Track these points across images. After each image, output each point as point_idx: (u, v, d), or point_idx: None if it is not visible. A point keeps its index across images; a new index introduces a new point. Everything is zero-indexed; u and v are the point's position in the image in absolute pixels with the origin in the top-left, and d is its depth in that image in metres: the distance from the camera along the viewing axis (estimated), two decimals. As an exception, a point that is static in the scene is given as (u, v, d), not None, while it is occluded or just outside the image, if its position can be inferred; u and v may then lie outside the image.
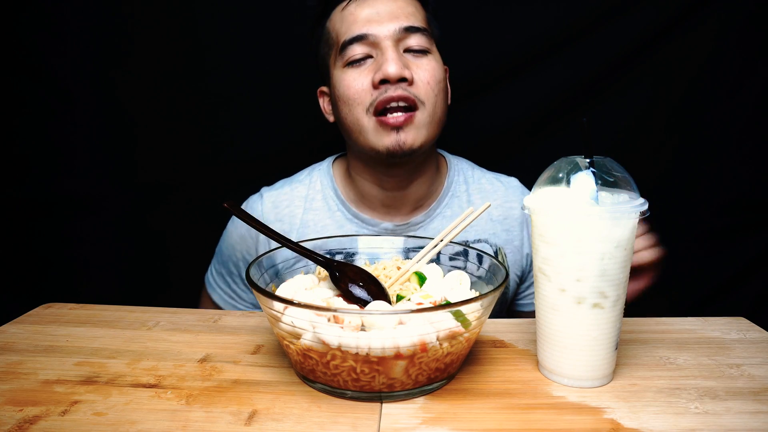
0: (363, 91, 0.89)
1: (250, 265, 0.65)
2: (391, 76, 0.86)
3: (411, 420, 0.55)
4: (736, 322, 0.77)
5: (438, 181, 1.02)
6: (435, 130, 0.93)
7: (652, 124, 1.26)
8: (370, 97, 0.89)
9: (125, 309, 0.81)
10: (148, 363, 0.65)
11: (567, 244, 0.58)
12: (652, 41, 1.21)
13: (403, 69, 0.87)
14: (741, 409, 0.56)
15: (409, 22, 0.90)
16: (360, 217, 0.99)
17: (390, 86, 0.87)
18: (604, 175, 0.59)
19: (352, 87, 0.90)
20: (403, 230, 0.98)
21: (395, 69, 0.86)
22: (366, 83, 0.89)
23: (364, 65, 0.90)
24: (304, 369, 0.59)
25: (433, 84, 0.91)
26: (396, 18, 0.90)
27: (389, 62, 0.87)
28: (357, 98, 0.89)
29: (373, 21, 0.90)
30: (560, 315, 0.60)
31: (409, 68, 0.89)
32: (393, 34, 0.89)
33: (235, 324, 0.77)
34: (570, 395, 0.59)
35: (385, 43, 0.89)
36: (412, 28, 0.90)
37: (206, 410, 0.56)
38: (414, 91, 0.89)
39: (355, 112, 0.90)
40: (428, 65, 0.91)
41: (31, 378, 0.62)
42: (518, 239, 1.02)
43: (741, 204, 1.27)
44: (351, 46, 0.90)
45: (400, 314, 0.55)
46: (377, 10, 0.90)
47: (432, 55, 0.93)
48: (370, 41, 0.89)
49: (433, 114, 0.91)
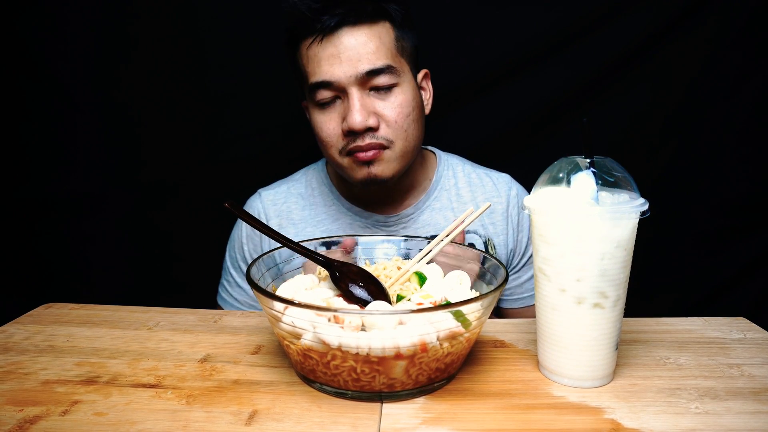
0: (334, 136, 0.93)
1: (250, 266, 0.65)
2: (356, 128, 0.89)
3: (411, 420, 0.55)
4: (736, 322, 0.77)
5: (426, 175, 1.05)
6: (407, 159, 0.96)
7: (652, 124, 1.26)
8: (341, 143, 0.93)
9: (125, 309, 0.81)
10: (148, 363, 0.65)
11: (567, 244, 0.58)
12: (652, 42, 1.21)
13: (367, 119, 0.89)
14: (741, 409, 0.56)
15: (370, 63, 0.89)
16: (354, 210, 1.03)
17: (357, 136, 0.90)
18: (604, 175, 0.59)
19: (324, 130, 0.94)
20: (395, 222, 1.02)
21: (359, 121, 0.88)
22: (335, 128, 0.92)
23: (333, 107, 0.92)
24: (304, 369, 0.59)
25: (401, 121, 0.92)
26: (358, 60, 0.89)
27: (352, 113, 0.89)
28: (329, 141, 0.94)
29: (335, 65, 0.89)
30: (560, 315, 0.60)
31: (375, 111, 0.91)
32: (356, 80, 0.89)
33: (236, 324, 0.77)
34: (570, 395, 0.59)
35: (350, 90, 0.89)
36: (374, 71, 0.89)
37: (206, 410, 0.56)
38: (382, 134, 0.91)
39: (330, 152, 0.95)
40: (395, 101, 0.91)
41: (32, 378, 0.62)
42: (503, 234, 1.04)
43: (741, 204, 1.27)
44: (318, 91, 0.92)
45: (400, 314, 0.55)
46: (338, 50, 0.89)
47: (399, 87, 0.92)
48: (335, 87, 0.90)
49: (404, 148, 0.94)
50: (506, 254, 1.04)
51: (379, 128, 0.91)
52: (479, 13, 1.21)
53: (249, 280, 0.61)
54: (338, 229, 1.01)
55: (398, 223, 1.01)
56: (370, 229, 1.02)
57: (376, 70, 0.89)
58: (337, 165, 0.96)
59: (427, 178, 1.05)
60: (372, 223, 1.02)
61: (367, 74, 0.89)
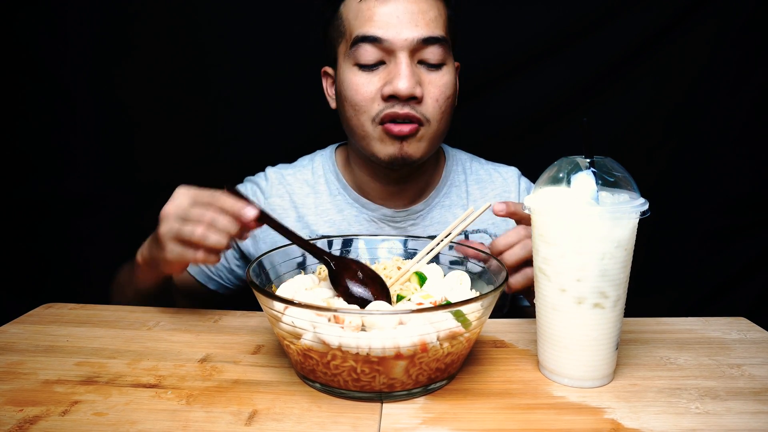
0: (370, 100, 0.87)
1: (249, 266, 0.65)
2: (402, 94, 0.84)
3: (411, 420, 0.55)
4: (737, 322, 0.77)
5: (436, 172, 1.02)
6: (437, 142, 0.93)
7: (652, 124, 1.26)
8: (377, 108, 0.87)
9: (125, 309, 0.81)
10: (148, 363, 0.65)
11: (567, 244, 0.58)
12: (652, 41, 1.21)
13: (414, 87, 0.85)
14: (742, 409, 0.56)
15: (428, 31, 0.85)
16: (361, 202, 0.99)
17: (398, 102, 0.85)
18: (604, 175, 0.59)
19: (360, 93, 0.87)
20: (403, 217, 0.98)
21: (407, 86, 0.84)
22: (374, 91, 0.86)
23: (375, 71, 0.87)
24: (304, 369, 0.59)
25: (441, 101, 0.88)
26: (416, 25, 0.85)
27: (401, 77, 0.84)
28: (364, 105, 0.87)
29: (390, 23, 0.84)
30: (560, 315, 0.60)
31: (421, 84, 0.86)
32: (410, 45, 0.84)
33: (236, 324, 0.77)
34: (570, 395, 0.59)
35: (400, 54, 0.85)
36: (431, 39, 0.85)
37: (206, 410, 0.56)
38: (422, 109, 0.87)
39: (361, 119, 0.88)
40: (440, 81, 0.88)
41: (32, 378, 0.62)
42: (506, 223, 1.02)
43: (741, 204, 1.27)
44: (363, 45, 0.85)
45: (400, 314, 0.55)
46: (397, 10, 0.84)
47: (446, 68, 0.89)
48: (384, 47, 0.85)
49: (437, 131, 0.90)
50: None
51: (422, 101, 0.87)
52: (479, 13, 1.21)
53: (249, 280, 0.61)
54: (342, 220, 0.98)
55: (407, 220, 0.98)
56: (377, 224, 0.98)
57: (432, 39, 0.85)
58: (365, 135, 0.89)
59: (437, 174, 1.02)
60: (379, 217, 0.98)
61: (422, 41, 0.85)
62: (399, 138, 0.87)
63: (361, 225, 0.98)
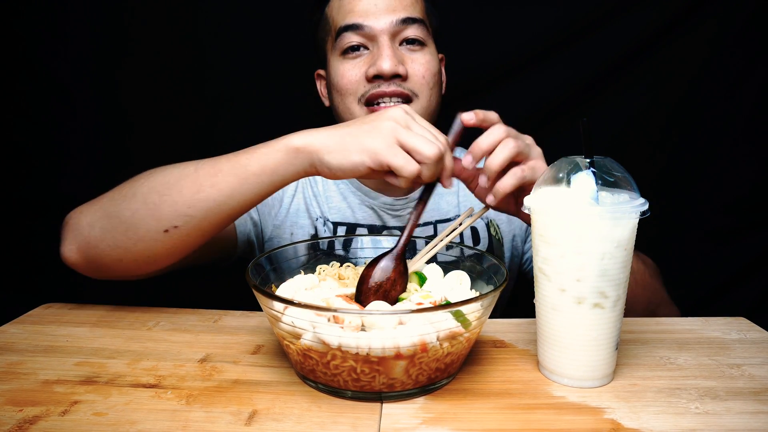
0: (356, 82, 0.91)
1: (249, 266, 0.65)
2: (385, 72, 0.88)
3: (411, 420, 0.55)
4: (736, 322, 0.77)
5: None
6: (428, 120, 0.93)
7: (652, 124, 1.26)
8: (362, 89, 0.91)
9: (125, 309, 0.81)
10: (148, 363, 0.65)
11: (567, 244, 0.58)
12: (651, 41, 1.21)
13: (397, 65, 0.88)
14: (741, 409, 0.56)
15: (406, 12, 0.90)
16: (363, 190, 1.01)
17: (383, 82, 0.89)
18: (604, 175, 0.59)
19: (345, 77, 0.92)
20: (402, 205, 1.01)
21: (389, 65, 0.87)
22: (359, 74, 0.91)
23: (360, 56, 0.92)
24: (304, 369, 0.59)
25: (428, 77, 0.92)
26: (393, 10, 0.90)
27: (383, 58, 0.88)
28: (350, 88, 0.91)
29: (370, 12, 0.90)
30: (560, 315, 0.60)
31: (404, 63, 0.90)
32: (389, 27, 0.89)
33: (235, 324, 0.77)
34: (570, 395, 0.59)
35: (382, 38, 0.89)
36: (410, 20, 0.90)
37: (206, 410, 0.56)
38: (408, 85, 0.90)
39: (346, 101, 0.92)
40: (423, 58, 0.92)
41: (31, 378, 0.61)
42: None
43: (740, 204, 1.27)
44: (346, 34, 0.91)
45: (400, 314, 0.55)
46: (375, 1, 0.90)
47: (428, 48, 0.93)
48: (366, 32, 0.90)
49: (427, 107, 0.93)
50: (511, 230, 1.04)
51: (407, 78, 0.90)
52: (479, 13, 1.20)
53: (249, 279, 0.61)
54: (346, 208, 1.01)
55: (405, 208, 1.01)
56: (377, 211, 1.01)
57: (410, 19, 0.90)
58: (352, 117, 0.91)
59: None
60: (378, 205, 1.01)
61: (402, 21, 0.89)
62: None
63: (364, 212, 1.01)
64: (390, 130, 0.64)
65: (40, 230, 1.28)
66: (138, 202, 0.72)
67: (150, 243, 0.72)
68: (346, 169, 0.65)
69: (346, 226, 0.99)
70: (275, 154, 0.68)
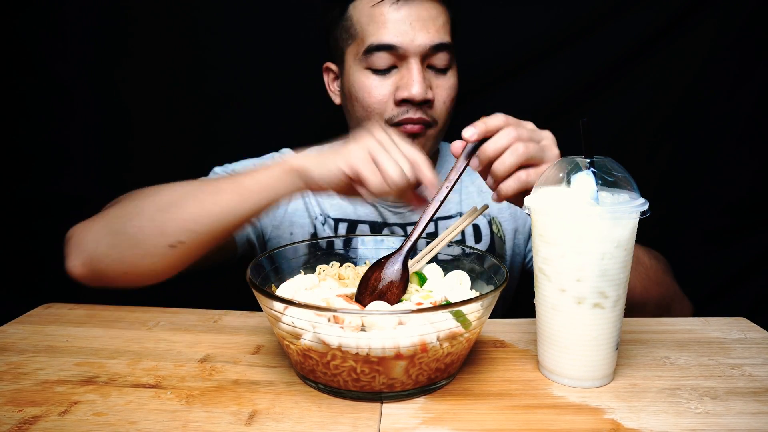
0: (384, 103, 0.91)
1: (249, 266, 0.65)
2: (416, 98, 0.88)
3: (411, 420, 0.55)
4: (737, 322, 0.77)
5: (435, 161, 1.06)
6: (440, 139, 0.98)
7: (652, 124, 1.26)
8: (390, 112, 0.91)
9: (125, 309, 0.81)
10: (148, 363, 0.65)
11: (567, 244, 0.58)
12: (651, 41, 1.21)
13: (426, 91, 0.89)
14: (742, 409, 0.56)
15: (438, 38, 0.89)
16: None
17: (411, 107, 0.90)
18: (604, 175, 0.59)
19: (372, 95, 0.91)
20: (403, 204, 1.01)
21: (420, 92, 0.88)
22: (387, 94, 0.90)
23: (388, 75, 0.91)
24: (304, 369, 0.59)
25: (448, 103, 0.93)
26: (427, 31, 0.88)
27: (415, 84, 0.88)
28: (377, 108, 0.91)
29: (403, 31, 0.88)
30: (560, 315, 0.60)
31: (432, 88, 0.91)
32: (421, 51, 0.88)
33: (235, 324, 0.77)
34: (570, 395, 0.59)
35: (412, 60, 0.88)
36: (441, 46, 0.89)
37: (206, 410, 0.56)
38: (432, 113, 0.92)
39: (372, 119, 0.93)
40: (447, 84, 0.93)
41: (31, 378, 0.61)
42: (508, 207, 1.04)
43: (740, 204, 1.27)
44: (377, 53, 0.89)
45: (400, 314, 0.55)
46: (410, 16, 0.88)
47: (451, 71, 0.94)
48: (398, 53, 0.89)
49: (442, 130, 0.96)
50: (513, 228, 1.04)
51: (433, 105, 0.91)
52: (479, 13, 1.20)
53: (249, 279, 0.61)
54: (348, 204, 1.01)
55: (406, 206, 1.01)
56: (377, 208, 1.01)
57: (442, 46, 0.90)
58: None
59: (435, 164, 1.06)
60: (379, 202, 1.02)
61: (433, 48, 0.89)
62: (410, 135, 0.91)
63: (366, 208, 1.01)
64: (368, 147, 0.69)
65: (40, 230, 1.28)
66: (144, 219, 0.76)
67: (156, 258, 0.76)
68: (326, 177, 0.71)
69: (347, 222, 0.99)
70: (273, 173, 0.74)
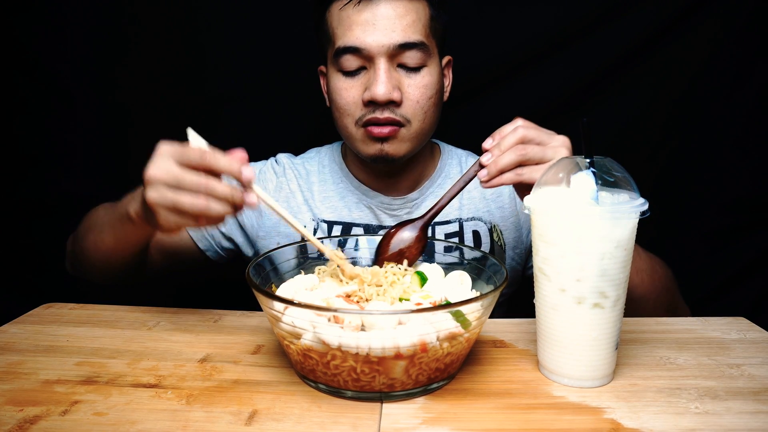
0: (353, 104, 0.91)
1: (249, 266, 0.65)
2: (379, 99, 0.87)
3: (411, 420, 0.55)
4: (736, 322, 0.78)
5: (431, 164, 1.06)
6: (422, 139, 0.95)
7: (652, 124, 1.26)
8: (359, 112, 0.91)
9: (125, 309, 0.81)
10: (148, 363, 0.65)
11: (567, 244, 0.58)
12: (652, 41, 1.21)
13: (391, 91, 0.88)
14: (741, 409, 0.56)
15: (405, 36, 0.87)
16: (361, 189, 1.02)
17: (378, 107, 0.89)
18: (604, 175, 0.59)
19: (343, 97, 0.92)
20: (399, 205, 1.02)
21: (383, 92, 0.87)
22: (356, 96, 0.91)
23: (357, 76, 0.91)
24: (304, 369, 0.59)
25: (423, 102, 0.91)
26: (393, 30, 0.87)
27: (378, 83, 0.87)
28: (347, 109, 0.92)
29: (368, 31, 0.87)
30: (560, 315, 0.60)
31: (400, 86, 0.89)
32: (387, 50, 0.87)
33: (236, 324, 0.77)
34: (570, 395, 0.59)
35: (378, 60, 0.87)
36: (408, 45, 0.87)
37: (206, 410, 0.56)
38: (401, 111, 0.90)
39: (345, 121, 0.93)
40: (420, 82, 0.90)
41: (32, 378, 0.62)
42: (513, 215, 1.04)
43: (741, 204, 1.27)
44: (344, 56, 0.89)
45: (400, 314, 0.55)
46: (374, 16, 0.87)
47: (427, 69, 0.91)
48: (363, 54, 0.88)
49: (419, 129, 0.93)
50: (522, 236, 1.04)
51: (401, 104, 0.90)
52: (479, 13, 1.20)
53: (249, 280, 0.61)
54: (344, 207, 1.01)
55: (403, 207, 1.02)
56: (373, 210, 1.01)
57: (409, 44, 0.88)
58: (349, 136, 0.94)
59: (433, 166, 1.06)
60: (376, 204, 1.02)
61: (399, 47, 0.88)
62: (379, 139, 0.91)
63: (361, 211, 1.01)
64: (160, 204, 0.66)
65: (40, 230, 1.29)
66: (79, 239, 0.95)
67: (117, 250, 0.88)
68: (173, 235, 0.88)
69: (342, 225, 1.00)
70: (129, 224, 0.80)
